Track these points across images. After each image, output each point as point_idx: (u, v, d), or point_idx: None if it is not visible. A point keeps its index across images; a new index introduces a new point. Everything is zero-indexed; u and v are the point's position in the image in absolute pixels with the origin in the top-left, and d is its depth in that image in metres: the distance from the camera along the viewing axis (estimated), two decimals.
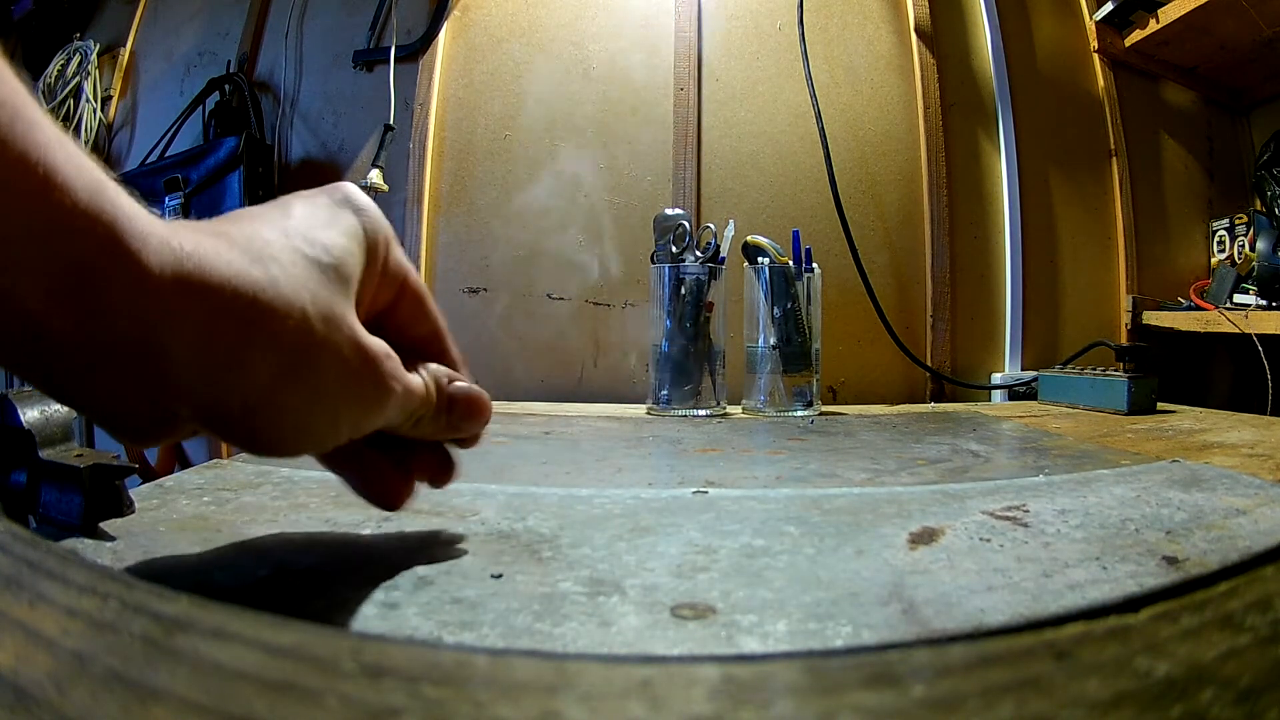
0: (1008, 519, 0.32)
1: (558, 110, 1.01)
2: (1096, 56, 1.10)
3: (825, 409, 0.81)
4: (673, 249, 0.78)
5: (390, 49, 1.02)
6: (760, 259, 0.77)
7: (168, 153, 1.09)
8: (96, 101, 1.21)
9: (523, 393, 0.96)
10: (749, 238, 0.78)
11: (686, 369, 0.76)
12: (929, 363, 0.98)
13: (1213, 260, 1.12)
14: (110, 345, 0.17)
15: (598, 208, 0.99)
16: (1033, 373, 0.96)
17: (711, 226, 0.77)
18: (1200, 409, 0.77)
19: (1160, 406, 0.75)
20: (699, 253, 0.77)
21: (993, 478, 0.42)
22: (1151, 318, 1.05)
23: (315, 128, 1.08)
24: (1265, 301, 0.95)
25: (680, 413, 0.75)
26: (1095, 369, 0.80)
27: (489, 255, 1.00)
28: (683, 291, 0.76)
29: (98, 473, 0.28)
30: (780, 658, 0.14)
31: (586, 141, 1.00)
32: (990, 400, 0.97)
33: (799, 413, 0.77)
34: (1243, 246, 1.04)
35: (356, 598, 0.22)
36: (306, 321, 0.19)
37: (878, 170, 1.01)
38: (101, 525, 0.28)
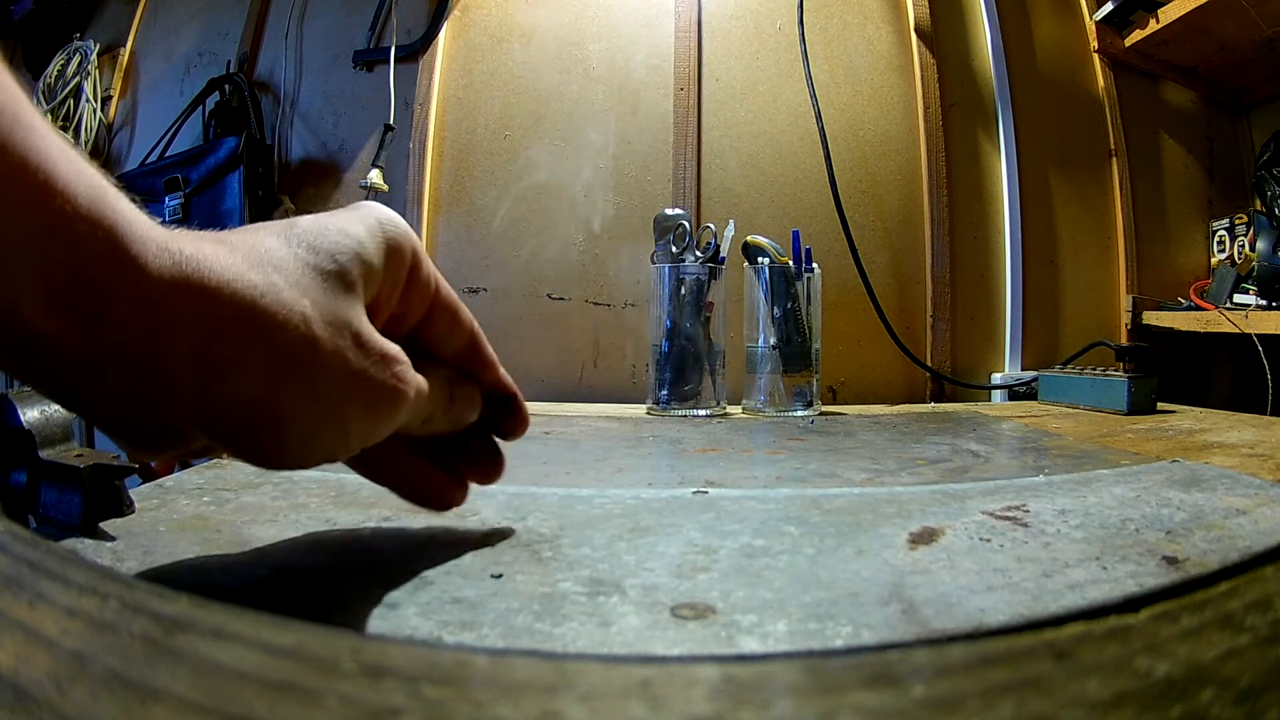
0: (1008, 519, 0.32)
1: (558, 110, 1.01)
2: (1096, 56, 1.10)
3: (825, 409, 0.81)
4: (673, 249, 0.78)
5: (390, 49, 1.02)
6: (760, 259, 0.77)
7: (168, 153, 1.09)
8: (96, 101, 1.21)
9: (522, 392, 0.95)
10: (749, 238, 0.78)
11: (686, 369, 0.76)
12: (929, 363, 0.98)
13: (1213, 260, 1.12)
14: (111, 351, 0.17)
15: (598, 207, 0.99)
16: (1033, 373, 0.95)
17: (711, 226, 0.77)
18: (1200, 409, 0.77)
19: (1160, 406, 0.75)
20: (699, 253, 0.77)
21: (993, 478, 0.42)
22: (1151, 318, 1.05)
23: (315, 128, 1.08)
24: (1265, 301, 0.95)
25: (680, 413, 0.75)
26: (1095, 369, 0.80)
27: (489, 255, 1.00)
28: (683, 291, 0.76)
29: (98, 473, 0.28)
30: (780, 658, 0.14)
31: (586, 141, 1.00)
32: (990, 400, 0.97)
33: (799, 413, 0.77)
34: (1243, 246, 1.04)
35: (356, 598, 0.22)
36: (308, 326, 0.19)
37: (878, 170, 1.01)
38: (101, 525, 0.28)
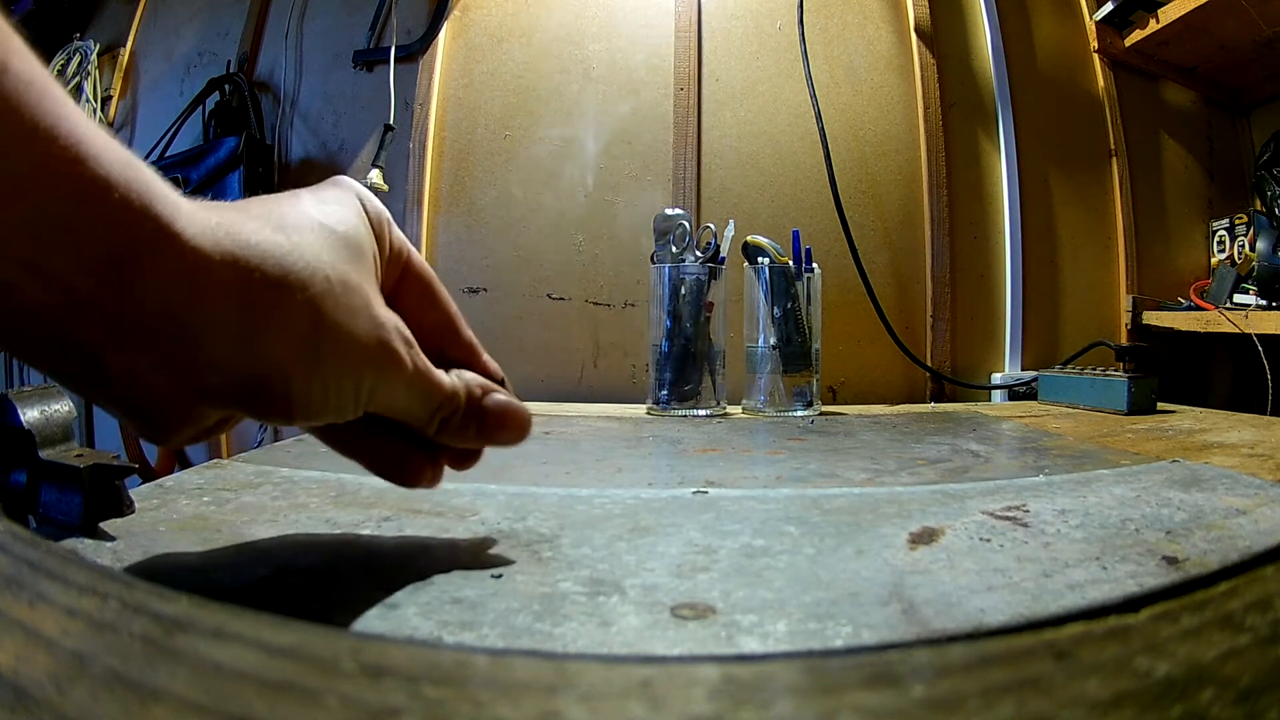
0: (1008, 519, 0.32)
1: (558, 110, 1.01)
2: (1096, 56, 1.10)
3: (825, 409, 0.81)
4: (673, 249, 0.78)
5: (390, 49, 1.02)
6: (760, 259, 0.77)
7: (168, 153, 1.09)
8: (96, 101, 1.21)
9: (523, 393, 0.94)
10: (749, 238, 0.78)
11: (686, 369, 0.76)
12: (929, 363, 0.98)
13: (1213, 260, 1.12)
14: (148, 313, 0.17)
15: (598, 208, 0.99)
16: (1033, 373, 0.95)
17: (711, 226, 0.77)
18: (1200, 409, 0.77)
19: (1160, 406, 0.75)
20: (699, 253, 0.77)
21: (993, 478, 0.42)
22: (1151, 318, 1.05)
23: (315, 128, 1.08)
24: (1265, 301, 0.95)
25: (680, 413, 0.75)
26: (1095, 369, 0.80)
27: (489, 255, 1.00)
28: (683, 291, 0.76)
29: (98, 473, 0.28)
30: (780, 658, 0.14)
31: (586, 141, 1.00)
32: (990, 400, 0.97)
33: (799, 413, 0.77)
34: (1243, 246, 1.04)
35: (356, 598, 0.22)
36: (329, 285, 0.20)
37: (878, 170, 1.01)
38: (101, 525, 0.28)
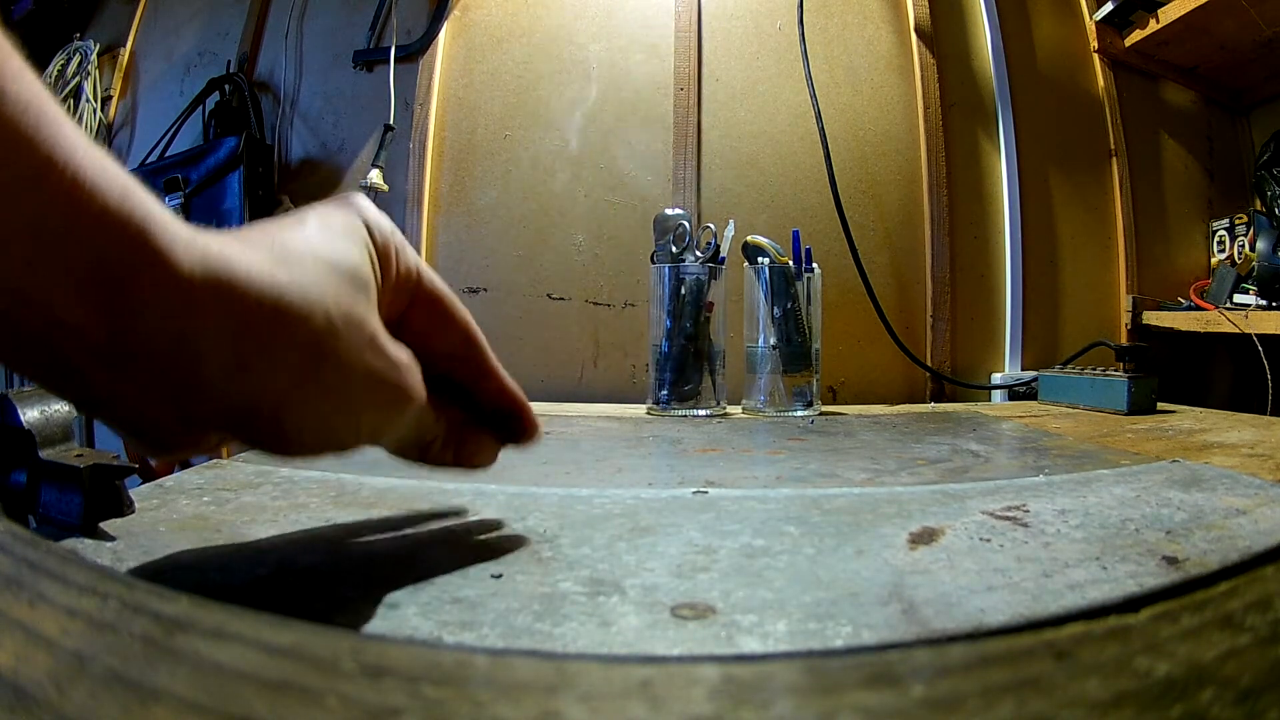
0: (1008, 519, 0.32)
1: (558, 110, 1.01)
2: (1096, 56, 1.10)
3: (825, 409, 0.80)
4: (673, 249, 0.78)
5: (390, 49, 1.02)
6: (760, 259, 0.77)
7: (168, 153, 1.09)
8: (96, 101, 1.21)
9: (523, 393, 0.95)
10: (749, 238, 0.78)
11: (686, 369, 0.76)
12: (929, 363, 0.98)
13: (1213, 260, 1.12)
14: (139, 343, 0.17)
15: (598, 208, 0.99)
16: (1033, 373, 0.95)
17: (711, 226, 0.77)
18: (1200, 409, 0.77)
19: (1160, 406, 0.75)
20: (699, 253, 0.77)
21: (993, 478, 0.42)
22: (1151, 318, 1.05)
23: (315, 128, 1.08)
24: (1265, 301, 0.95)
25: (680, 413, 0.75)
26: (1095, 369, 0.80)
27: (489, 255, 1.00)
28: (683, 291, 0.76)
29: (98, 473, 0.28)
30: (780, 658, 0.14)
31: (586, 141, 1.00)
32: (990, 400, 0.97)
33: (799, 413, 0.77)
34: (1243, 246, 1.04)
35: (356, 598, 0.22)
36: (329, 322, 0.20)
37: (878, 170, 1.01)
38: (101, 525, 0.28)
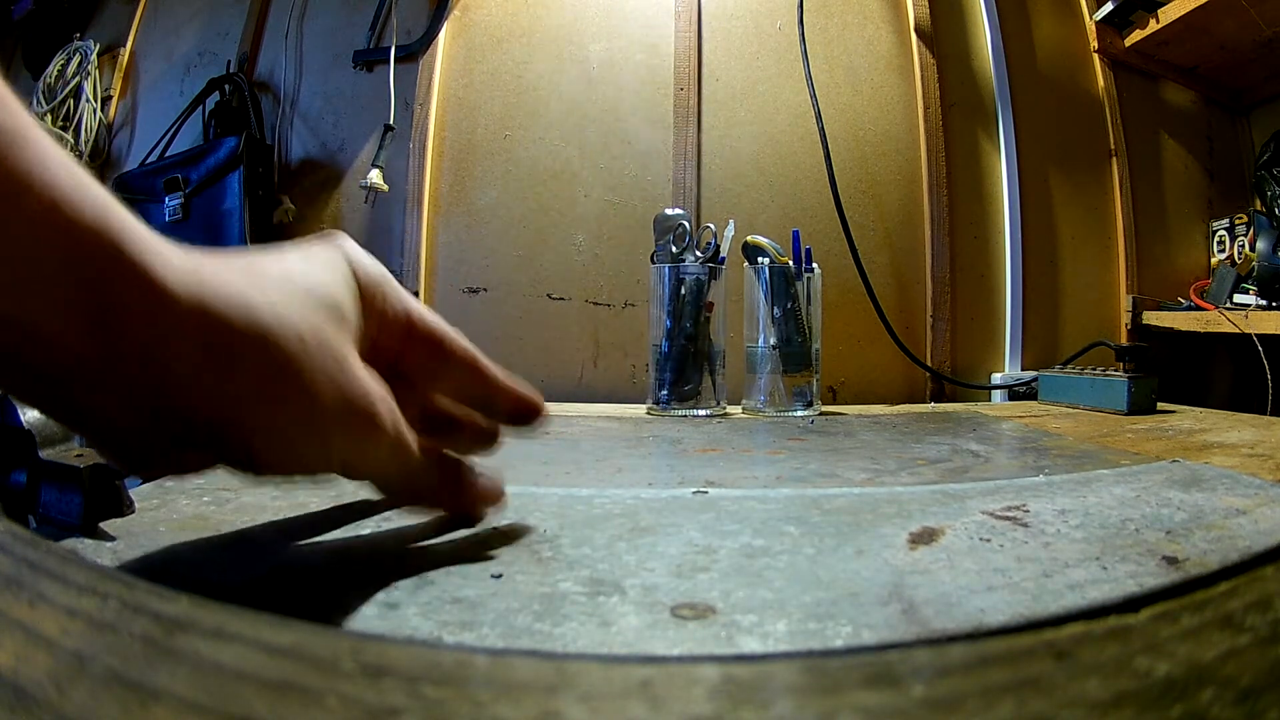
0: (1008, 519, 0.32)
1: (557, 110, 1.01)
2: (1096, 56, 1.10)
3: (825, 409, 0.80)
4: (673, 249, 0.78)
5: (390, 49, 1.02)
6: (760, 259, 0.77)
7: (168, 153, 1.09)
8: (96, 101, 1.21)
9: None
10: (749, 238, 0.78)
11: (686, 369, 0.76)
12: (929, 363, 0.98)
13: (1213, 260, 1.12)
14: (117, 355, 0.17)
15: (598, 208, 0.99)
16: (1033, 373, 0.95)
17: (711, 226, 0.77)
18: (1200, 409, 0.77)
19: (1160, 406, 0.75)
20: (699, 253, 0.77)
21: (993, 478, 0.42)
22: (1151, 318, 1.05)
23: (315, 128, 1.08)
24: (1265, 301, 0.95)
25: (680, 413, 0.75)
26: (1095, 369, 0.80)
27: (489, 255, 1.00)
28: (683, 291, 0.76)
29: (98, 473, 0.28)
30: (780, 658, 0.14)
31: (586, 141, 1.00)
32: (990, 400, 0.97)
33: (799, 413, 0.77)
34: (1243, 246, 1.04)
35: (356, 598, 0.22)
36: (301, 343, 0.20)
37: (878, 170, 1.01)
38: (101, 525, 0.28)
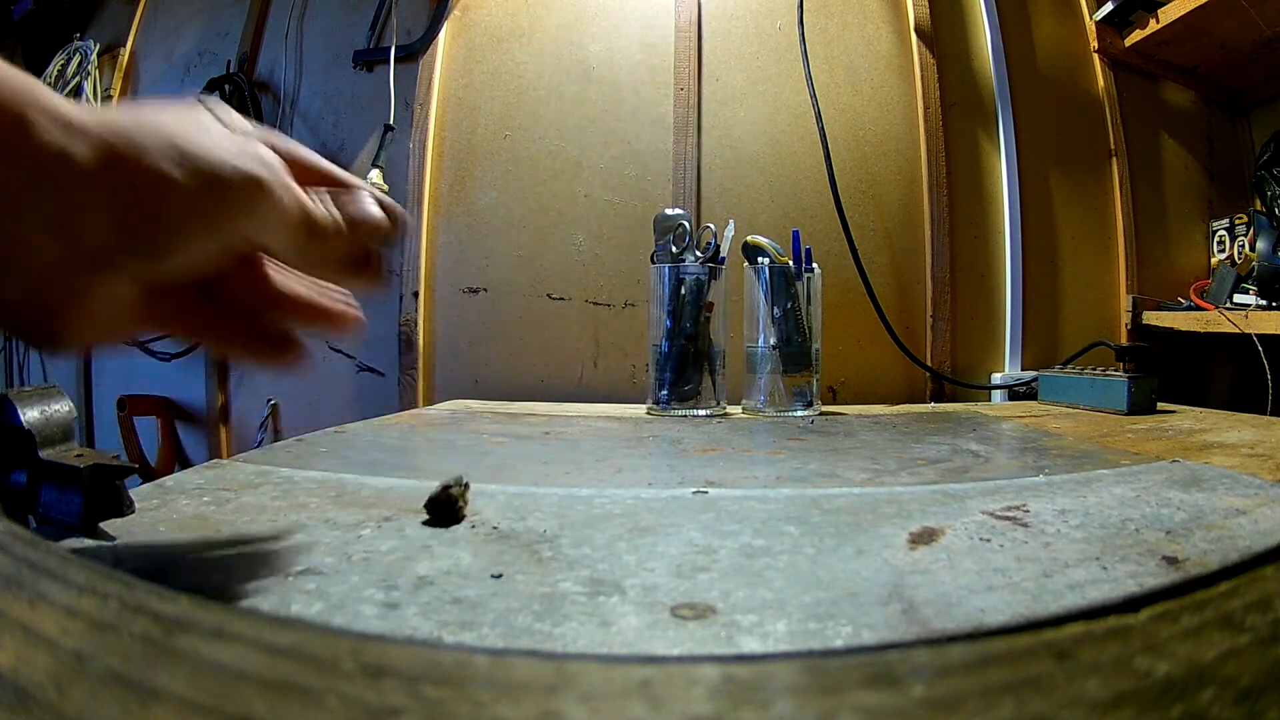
0: (1008, 519, 0.32)
1: (557, 110, 1.01)
2: (1096, 56, 1.10)
3: (825, 409, 0.81)
4: (673, 249, 0.78)
5: (390, 49, 1.02)
6: (760, 259, 0.77)
7: None
8: (96, 101, 1.21)
9: (523, 393, 0.96)
10: (749, 238, 0.78)
11: (686, 369, 0.76)
12: (929, 363, 0.98)
13: (1213, 260, 1.12)
14: (22, 189, 0.19)
15: (598, 208, 0.99)
16: (1033, 373, 0.96)
17: (711, 226, 0.77)
18: (1200, 409, 0.77)
19: (1160, 406, 0.75)
20: (699, 253, 0.77)
21: (993, 478, 0.42)
22: (1151, 318, 1.05)
23: (315, 128, 1.08)
24: (1265, 301, 0.95)
25: (680, 413, 0.75)
26: (1095, 369, 0.80)
27: (489, 255, 1.00)
28: (683, 291, 0.76)
29: (98, 473, 0.28)
30: (780, 658, 0.14)
31: (586, 141, 1.00)
32: (990, 400, 0.97)
33: (799, 413, 0.77)
34: (1243, 246, 1.04)
35: (356, 598, 0.22)
36: (181, 120, 0.22)
37: (878, 170, 1.01)
38: (101, 525, 0.28)
